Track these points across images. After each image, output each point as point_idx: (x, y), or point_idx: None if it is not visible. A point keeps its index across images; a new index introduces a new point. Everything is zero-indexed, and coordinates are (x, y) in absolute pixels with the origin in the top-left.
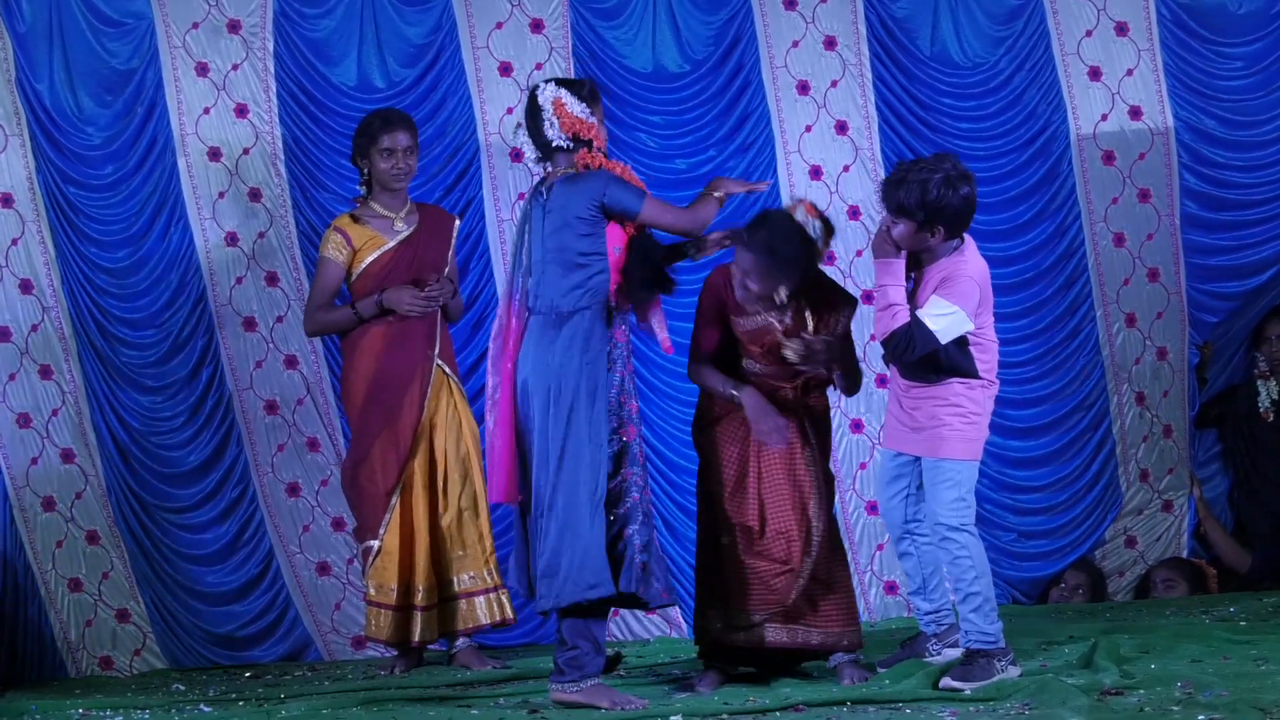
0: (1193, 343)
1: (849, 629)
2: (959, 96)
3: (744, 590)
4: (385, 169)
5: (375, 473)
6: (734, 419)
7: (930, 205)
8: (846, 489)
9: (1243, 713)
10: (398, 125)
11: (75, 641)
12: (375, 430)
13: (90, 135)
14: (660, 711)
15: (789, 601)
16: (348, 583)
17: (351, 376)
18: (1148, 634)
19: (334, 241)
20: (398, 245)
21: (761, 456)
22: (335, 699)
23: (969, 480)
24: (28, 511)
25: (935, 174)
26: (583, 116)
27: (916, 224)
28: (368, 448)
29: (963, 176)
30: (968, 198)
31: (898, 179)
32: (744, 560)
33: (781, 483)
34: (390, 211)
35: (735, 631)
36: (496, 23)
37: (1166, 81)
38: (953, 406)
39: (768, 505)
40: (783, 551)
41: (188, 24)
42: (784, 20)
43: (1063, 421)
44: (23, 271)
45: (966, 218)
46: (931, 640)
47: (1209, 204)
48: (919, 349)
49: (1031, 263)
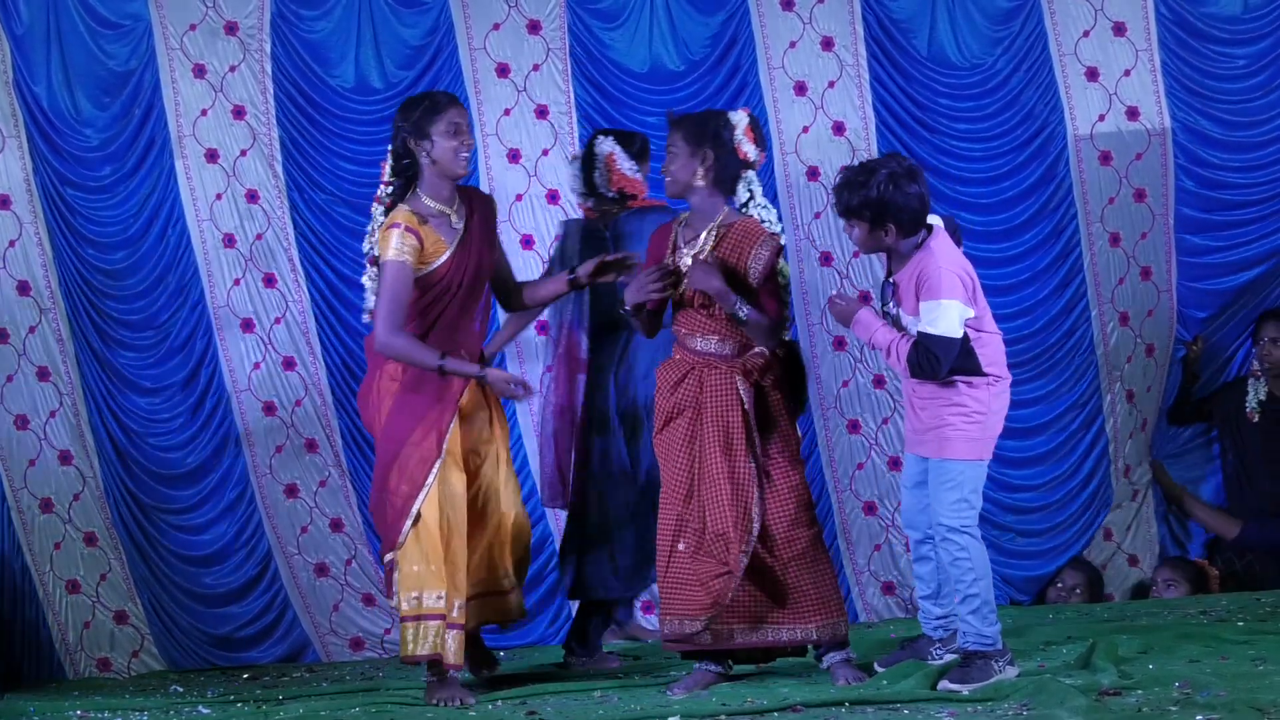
0: (1179, 339)
1: (826, 622)
2: (956, 97)
3: (689, 596)
4: (453, 148)
5: (403, 479)
6: (681, 421)
7: (875, 204)
8: (844, 489)
9: (1241, 713)
10: (457, 102)
11: (73, 643)
12: (403, 435)
13: (88, 137)
14: (659, 712)
15: (725, 602)
16: (345, 584)
17: (384, 382)
18: (1146, 634)
19: (409, 245)
20: (456, 250)
21: (703, 457)
22: (333, 700)
23: (972, 481)
24: (25, 513)
25: (879, 172)
26: (630, 175)
27: (868, 225)
28: (395, 452)
29: (907, 173)
30: (916, 193)
31: (843, 181)
32: (688, 564)
33: (720, 482)
34: (444, 205)
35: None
36: (494, 24)
37: (1164, 82)
38: (956, 406)
39: (707, 507)
40: (720, 553)
41: (185, 26)
42: (781, 21)
43: (1058, 420)
44: (20, 273)
45: (919, 213)
46: (936, 645)
47: (1204, 204)
48: (942, 357)
49: (1028, 263)
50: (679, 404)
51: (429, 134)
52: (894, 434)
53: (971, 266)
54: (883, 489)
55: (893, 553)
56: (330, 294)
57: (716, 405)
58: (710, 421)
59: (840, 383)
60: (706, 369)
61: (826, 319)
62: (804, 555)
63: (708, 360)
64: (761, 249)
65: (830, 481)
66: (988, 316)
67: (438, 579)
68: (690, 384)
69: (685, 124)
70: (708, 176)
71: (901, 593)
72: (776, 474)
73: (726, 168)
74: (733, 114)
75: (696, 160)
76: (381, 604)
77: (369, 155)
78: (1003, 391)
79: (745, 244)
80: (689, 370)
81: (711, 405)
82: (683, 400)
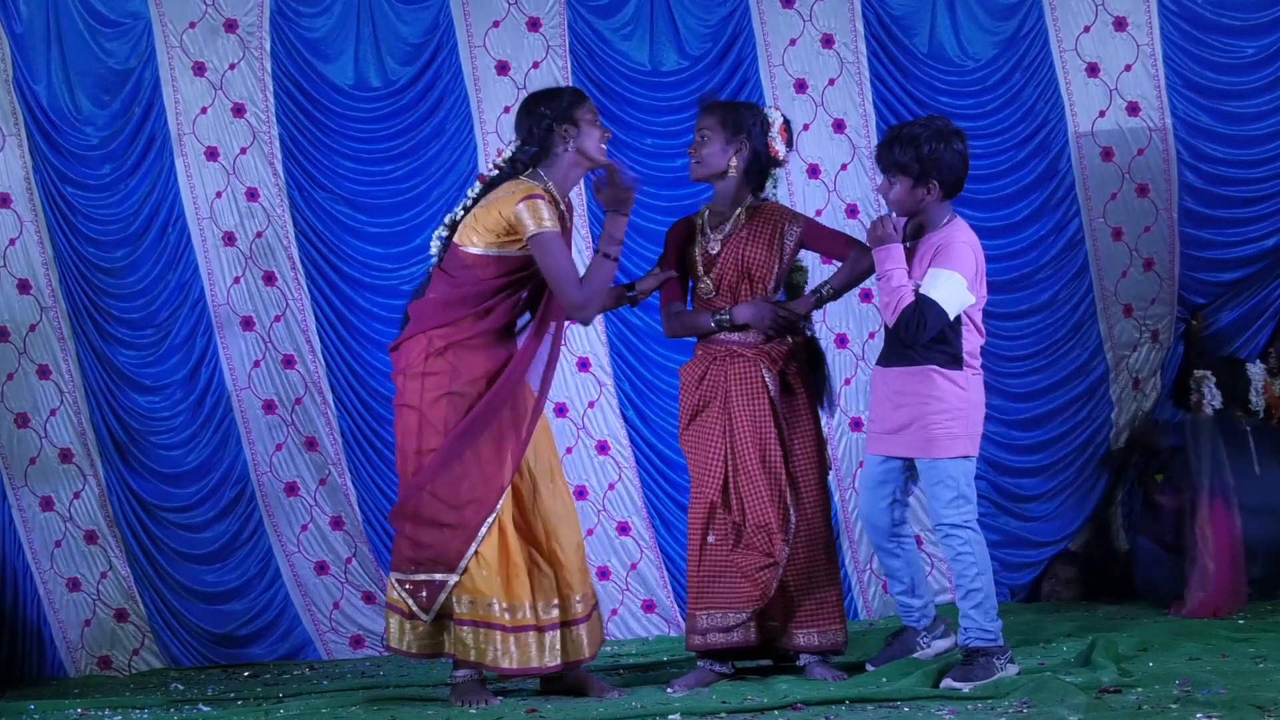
0: (1180, 317)
1: (834, 627)
2: (956, 94)
3: (730, 588)
4: (599, 137)
5: (471, 492)
6: (710, 413)
7: (925, 159)
8: (846, 487)
9: (1241, 711)
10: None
11: (74, 641)
12: (471, 443)
13: (88, 135)
14: (659, 711)
15: (771, 594)
16: (346, 582)
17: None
18: (1146, 632)
19: (548, 211)
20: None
21: (737, 449)
22: (334, 698)
23: (965, 476)
24: (26, 511)
25: (928, 129)
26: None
27: (912, 179)
28: (460, 454)
29: (955, 132)
30: (961, 152)
31: (891, 138)
32: (729, 558)
33: (756, 474)
34: (559, 195)
35: (724, 632)
36: (493, 21)
37: (1166, 76)
38: (936, 401)
39: (746, 499)
40: (764, 544)
41: (185, 23)
42: (781, 18)
43: (1063, 410)
44: (21, 271)
45: (960, 175)
46: (921, 634)
47: (1207, 199)
48: (930, 325)
49: (1030, 258)
50: (704, 397)
51: (576, 120)
52: None
53: (983, 257)
54: None
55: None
56: (330, 292)
57: (743, 396)
58: (740, 412)
59: (843, 380)
60: (730, 358)
61: (827, 317)
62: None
63: (731, 350)
64: (794, 225)
65: (832, 479)
66: (981, 309)
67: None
68: (714, 376)
69: (723, 111)
70: (739, 167)
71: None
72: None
73: (758, 161)
74: (769, 111)
75: (732, 149)
76: (381, 602)
77: (369, 152)
78: (979, 385)
79: (778, 219)
80: (711, 364)
81: (738, 396)
82: (708, 393)
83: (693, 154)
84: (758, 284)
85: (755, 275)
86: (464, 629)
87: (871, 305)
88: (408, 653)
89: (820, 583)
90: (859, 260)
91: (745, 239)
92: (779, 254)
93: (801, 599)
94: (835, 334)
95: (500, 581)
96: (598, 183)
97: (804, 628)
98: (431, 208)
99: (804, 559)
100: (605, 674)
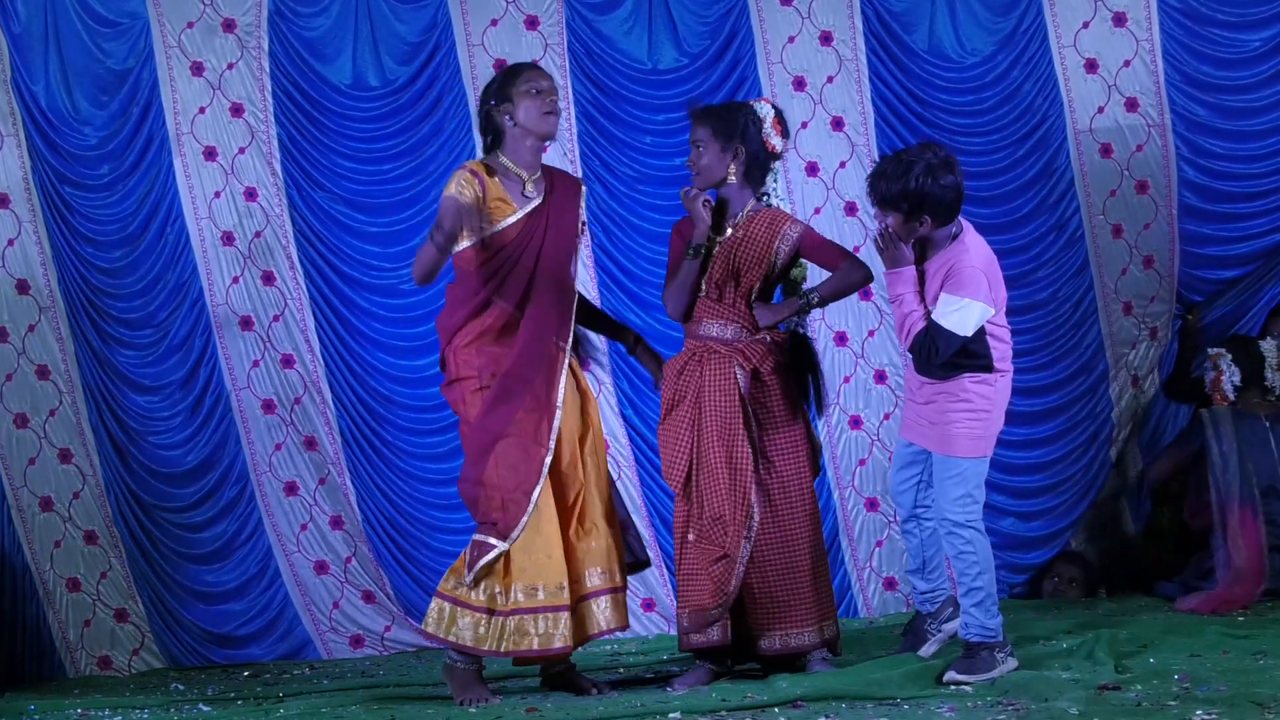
0: (1177, 313)
1: (823, 624)
2: (955, 91)
3: (700, 583)
4: (535, 108)
5: (514, 465)
6: (683, 407)
7: (913, 195)
8: (845, 485)
9: (1240, 707)
10: (538, 67)
11: (74, 641)
12: (503, 425)
13: (86, 135)
14: (659, 709)
15: (730, 590)
16: (345, 581)
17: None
18: (1146, 628)
19: (470, 186)
20: (526, 217)
21: (702, 444)
22: (334, 698)
23: (976, 476)
24: (25, 512)
25: (917, 163)
26: None
27: (903, 215)
28: (498, 434)
29: (945, 164)
30: (952, 184)
31: (879, 171)
32: (695, 553)
33: (718, 468)
34: (522, 170)
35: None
36: (491, 19)
37: (1165, 71)
38: (963, 403)
39: (704, 492)
40: (718, 537)
41: (183, 23)
42: (780, 15)
43: (1066, 408)
44: (19, 272)
45: (954, 205)
46: (928, 620)
47: (1207, 195)
48: (943, 350)
49: (1031, 255)
50: (679, 392)
51: (510, 96)
52: (896, 430)
53: (996, 261)
54: (884, 485)
55: (894, 549)
56: (329, 291)
57: (715, 392)
58: (709, 408)
59: (842, 378)
60: (707, 354)
61: (826, 315)
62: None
63: (708, 345)
64: (790, 229)
65: (832, 477)
66: (1002, 312)
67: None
68: (691, 371)
69: (714, 119)
70: (739, 171)
71: (903, 588)
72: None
73: (757, 160)
74: (758, 106)
75: (729, 155)
76: (381, 601)
77: (367, 152)
78: (1007, 385)
79: (775, 225)
80: (690, 358)
81: (710, 391)
82: (683, 388)
83: (691, 166)
84: (743, 287)
85: (742, 278)
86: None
87: (871, 304)
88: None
89: (799, 585)
90: (849, 273)
91: (740, 241)
92: (770, 261)
93: (770, 603)
94: (835, 332)
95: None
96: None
97: (770, 630)
98: (430, 207)
99: (778, 561)
100: (605, 673)
